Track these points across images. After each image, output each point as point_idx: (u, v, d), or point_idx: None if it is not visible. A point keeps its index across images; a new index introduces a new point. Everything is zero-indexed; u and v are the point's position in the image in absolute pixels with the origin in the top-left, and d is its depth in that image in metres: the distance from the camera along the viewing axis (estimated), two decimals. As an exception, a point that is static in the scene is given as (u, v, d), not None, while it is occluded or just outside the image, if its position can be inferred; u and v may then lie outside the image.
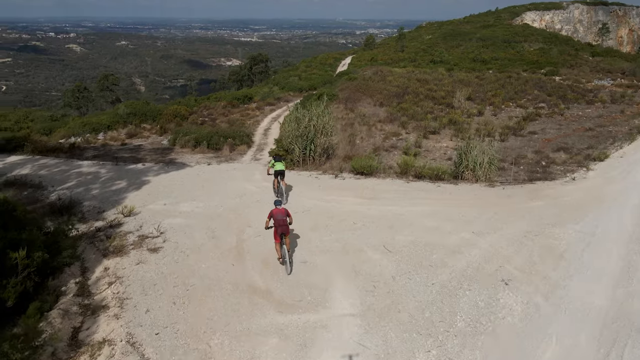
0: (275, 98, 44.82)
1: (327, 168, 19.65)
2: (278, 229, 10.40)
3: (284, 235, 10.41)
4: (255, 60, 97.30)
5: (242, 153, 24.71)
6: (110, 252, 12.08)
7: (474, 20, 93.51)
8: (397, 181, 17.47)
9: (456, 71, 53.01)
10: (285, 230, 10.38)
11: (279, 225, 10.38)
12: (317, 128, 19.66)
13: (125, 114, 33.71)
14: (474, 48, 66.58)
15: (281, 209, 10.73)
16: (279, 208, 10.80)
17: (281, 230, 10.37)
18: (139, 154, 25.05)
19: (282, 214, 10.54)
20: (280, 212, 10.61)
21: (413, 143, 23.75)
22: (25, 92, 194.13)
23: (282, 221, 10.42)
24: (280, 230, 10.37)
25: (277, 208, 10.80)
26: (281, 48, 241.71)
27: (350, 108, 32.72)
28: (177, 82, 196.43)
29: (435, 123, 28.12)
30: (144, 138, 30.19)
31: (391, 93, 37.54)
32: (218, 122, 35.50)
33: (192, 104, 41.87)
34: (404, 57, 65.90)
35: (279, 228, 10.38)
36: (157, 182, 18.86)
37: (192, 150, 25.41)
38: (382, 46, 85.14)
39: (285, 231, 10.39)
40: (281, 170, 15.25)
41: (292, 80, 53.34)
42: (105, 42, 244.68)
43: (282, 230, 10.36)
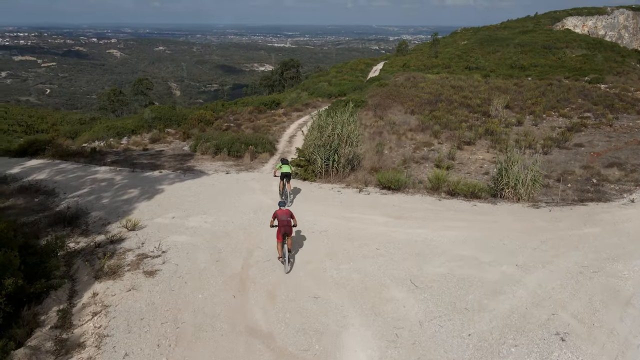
0: (303, 104, 43.49)
1: (351, 181, 17.99)
2: (281, 229, 10.63)
3: (286, 235, 10.63)
4: (286, 65, 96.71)
5: (263, 161, 23.34)
6: (104, 273, 10.78)
7: (512, 26, 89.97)
8: (427, 198, 15.64)
9: (493, 78, 50.42)
10: (288, 230, 10.62)
11: (282, 226, 10.61)
12: (342, 137, 18.04)
13: (150, 118, 33.02)
14: (512, 54, 63.59)
15: (285, 210, 10.92)
16: (283, 209, 10.99)
17: (284, 231, 10.60)
18: (159, 160, 24.05)
19: (285, 215, 10.75)
20: (284, 213, 10.82)
21: (446, 155, 21.80)
22: (67, 95, 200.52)
23: (285, 222, 10.64)
24: (283, 231, 10.60)
25: (281, 209, 10.99)
26: (314, 54, 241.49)
27: (379, 115, 30.95)
28: (211, 86, 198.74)
29: (470, 133, 26.03)
30: (167, 143, 29.32)
31: (423, 100, 35.55)
32: (243, 128, 34.40)
33: (219, 109, 41.00)
34: (438, 63, 63.53)
35: (282, 228, 10.61)
36: (170, 192, 17.65)
37: (212, 157, 24.23)
38: (415, 52, 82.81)
39: (287, 232, 10.61)
40: (287, 173, 15.56)
41: (321, 85, 51.94)
42: (144, 48, 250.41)
43: (284, 230, 10.59)
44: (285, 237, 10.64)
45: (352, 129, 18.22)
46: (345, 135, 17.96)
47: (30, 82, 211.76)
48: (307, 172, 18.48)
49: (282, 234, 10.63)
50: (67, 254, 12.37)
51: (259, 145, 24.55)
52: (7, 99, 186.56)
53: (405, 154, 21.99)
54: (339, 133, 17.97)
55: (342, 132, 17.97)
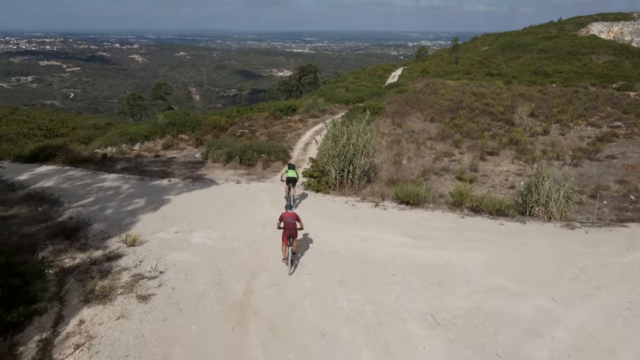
0: (320, 110, 42.50)
1: (367, 193, 16.84)
2: (286, 232, 10.79)
3: (291, 237, 10.77)
4: (304, 71, 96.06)
5: (276, 170, 22.35)
6: (94, 296, 9.86)
7: (535, 32, 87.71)
8: (449, 215, 14.39)
9: (515, 84, 48.73)
10: (293, 233, 10.79)
11: (288, 228, 10.80)
12: (357, 147, 16.92)
13: (163, 124, 32.41)
14: (535, 60, 61.66)
15: (291, 213, 11.13)
16: (290, 212, 11.21)
17: (289, 233, 10.76)
18: (169, 168, 23.28)
19: (292, 218, 10.96)
20: (290, 215, 11.03)
21: (468, 166, 20.47)
22: (90, 99, 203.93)
23: (291, 224, 10.82)
24: (288, 233, 10.76)
25: (288, 212, 11.22)
26: (332, 59, 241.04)
27: (397, 123, 29.72)
28: (230, 91, 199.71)
29: (493, 142, 24.62)
30: (179, 150, 28.61)
31: (443, 107, 34.18)
32: (257, 135, 33.55)
33: (234, 115, 40.29)
34: (458, 69, 61.98)
35: (287, 231, 10.79)
36: (177, 203, 16.76)
37: (223, 165, 23.36)
38: (435, 58, 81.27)
39: (293, 234, 10.78)
40: (292, 178, 15.78)
41: (339, 91, 50.93)
42: (165, 53, 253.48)
43: (290, 233, 10.76)
44: (290, 240, 10.77)
45: (368, 138, 17.09)
46: (361, 145, 16.84)
47: (55, 87, 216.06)
48: (321, 184, 17.40)
49: (288, 236, 10.77)
50: (61, 271, 11.55)
51: (271, 153, 23.60)
52: (32, 103, 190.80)
53: (425, 165, 20.73)
54: (355, 143, 16.86)
55: (357, 142, 16.86)
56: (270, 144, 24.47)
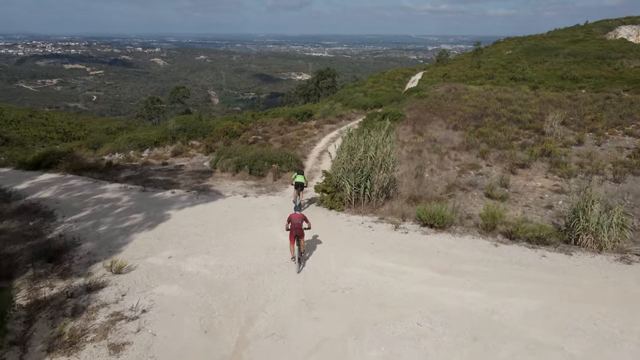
0: (337, 115, 40.74)
1: (385, 212, 14.99)
2: (293, 232, 11.02)
3: (298, 237, 10.99)
4: (322, 74, 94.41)
5: (287, 182, 20.64)
6: (60, 342, 8.26)
7: (560, 35, 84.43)
8: (480, 242, 12.43)
9: (542, 90, 46.23)
10: (300, 233, 11.00)
11: (294, 228, 11.02)
12: (376, 161, 15.09)
13: (174, 129, 31.07)
14: (562, 64, 58.82)
15: (299, 215, 11.32)
16: (297, 213, 11.39)
17: (296, 233, 10.99)
18: (175, 178, 21.78)
19: (299, 219, 11.15)
20: (297, 217, 11.23)
21: (497, 180, 18.43)
22: (112, 101, 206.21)
23: (297, 225, 11.04)
24: (295, 233, 10.99)
25: (296, 213, 11.44)
26: (351, 63, 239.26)
27: (418, 131, 27.75)
28: (249, 94, 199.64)
29: (523, 154, 22.52)
30: (189, 157, 27.17)
31: (467, 114, 32.07)
32: (271, 141, 31.96)
33: (248, 120, 38.82)
34: (481, 74, 59.52)
35: (294, 231, 11.01)
36: (176, 220, 15.17)
37: (232, 175, 21.76)
38: (456, 62, 78.76)
39: (299, 234, 10.99)
40: (300, 183, 15.82)
41: (356, 96, 49.10)
42: (186, 57, 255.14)
43: (296, 232, 10.97)
44: (297, 239, 11.00)
45: (388, 151, 15.24)
46: (380, 158, 14.99)
47: (79, 89, 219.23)
48: (334, 201, 15.61)
49: (294, 236, 11.00)
50: (34, 304, 10.01)
51: (283, 163, 21.90)
52: (57, 105, 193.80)
53: (449, 179, 18.75)
54: (373, 156, 15.02)
55: (376, 154, 15.02)
56: (282, 153, 22.79)
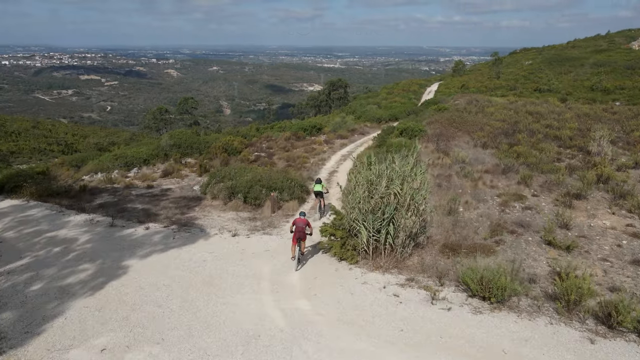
0: (349, 129, 36.90)
1: (415, 268, 11.03)
2: (296, 234, 11.61)
3: (300, 239, 11.62)
4: (334, 85, 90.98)
5: (288, 214, 16.79)
6: None
7: (581, 45, 79.95)
8: (563, 331, 8.37)
9: (572, 102, 41.95)
10: (302, 236, 11.63)
11: (297, 231, 11.60)
12: (402, 199, 11.15)
13: (167, 145, 27.47)
14: (589, 75, 54.43)
15: (303, 219, 11.87)
16: (302, 218, 11.96)
17: (298, 236, 11.59)
18: (156, 206, 18.06)
19: (302, 223, 11.72)
20: (302, 221, 11.81)
21: (553, 218, 14.35)
22: (126, 112, 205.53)
23: (301, 228, 11.62)
24: (298, 236, 11.59)
25: (300, 218, 11.99)
26: (363, 74, 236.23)
27: (443, 150, 23.75)
28: (260, 105, 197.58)
29: (573, 179, 18.41)
30: (180, 178, 23.48)
31: (496, 129, 28.01)
32: (275, 159, 28.20)
33: (252, 134, 35.15)
34: (501, 85, 55.38)
35: (297, 233, 11.60)
36: (135, 277, 11.36)
37: (224, 203, 17.96)
38: (473, 72, 74.66)
39: (301, 237, 11.61)
40: (319, 192, 16.24)
41: (370, 108, 45.28)
42: (199, 68, 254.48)
43: (299, 235, 11.59)
44: (299, 241, 11.64)
45: (419, 185, 11.30)
46: (408, 196, 11.05)
47: (94, 100, 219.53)
48: (346, 249, 11.68)
49: (297, 238, 11.60)
50: None
51: (284, 190, 18.05)
52: (71, 115, 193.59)
53: (491, 215, 14.69)
54: (398, 192, 11.09)
55: (402, 190, 11.08)
56: (283, 178, 18.93)
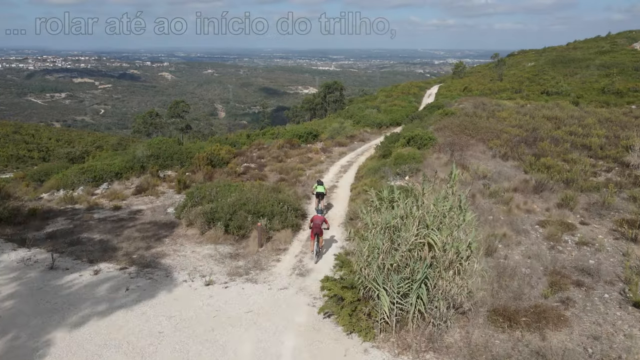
0: (348, 136, 33.50)
1: (458, 350, 7.56)
2: (314, 230, 12.12)
3: (318, 235, 12.14)
4: (329, 88, 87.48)
5: (280, 248, 13.30)
6: None
7: (582, 46, 77.06)
8: None
9: (585, 105, 38.79)
10: (319, 231, 12.11)
11: (315, 227, 12.12)
12: (441, 252, 7.66)
13: (144, 156, 23.90)
14: (597, 77, 51.38)
15: (320, 217, 12.57)
16: (319, 215, 12.76)
17: (316, 231, 12.11)
18: (118, 237, 14.50)
19: (320, 220, 12.31)
20: (319, 218, 12.42)
21: (625, 259, 10.92)
22: (119, 115, 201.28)
23: (318, 225, 12.14)
24: (315, 231, 12.11)
25: (317, 215, 12.83)
26: (358, 77, 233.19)
27: (459, 162, 20.30)
28: (255, 108, 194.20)
29: (624, 201, 15.06)
30: (155, 196, 19.95)
31: (514, 137, 24.69)
32: (266, 171, 24.73)
33: (242, 142, 31.64)
34: (506, 87, 52.20)
35: (315, 229, 12.10)
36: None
37: (200, 233, 14.45)
38: (473, 74, 71.51)
39: (318, 232, 12.14)
40: (321, 193, 16.08)
41: (369, 112, 41.87)
42: (194, 71, 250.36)
43: (316, 231, 12.13)
44: (317, 237, 12.19)
45: (463, 229, 7.83)
46: (451, 249, 7.56)
47: (87, 103, 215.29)
48: (357, 318, 8.16)
49: (315, 234, 12.14)
50: None
51: (275, 216, 14.55)
52: (64, 119, 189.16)
53: (542, 257, 11.21)
54: (434, 243, 7.60)
55: (442, 242, 7.59)
56: (274, 200, 15.41)
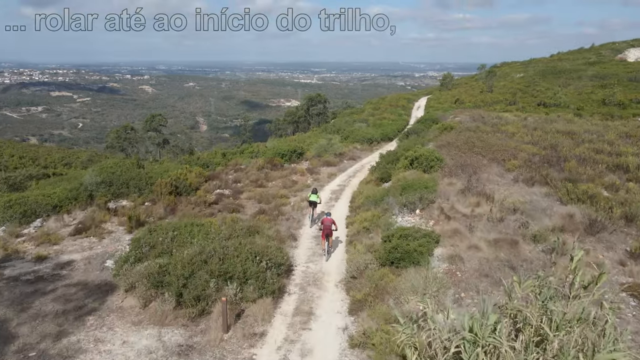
0: (336, 154, 29.27)
1: None
2: (324, 231, 12.89)
3: (328, 235, 12.90)
4: (312, 101, 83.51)
5: (256, 333, 8.90)
6: None
7: (568, 58, 75.14)
8: None
9: (587, 117, 35.58)
10: (330, 232, 12.90)
11: (326, 228, 12.86)
12: None
13: (94, 183, 19.23)
14: (591, 87, 48.60)
15: (329, 219, 13.05)
16: (328, 218, 13.14)
17: (326, 232, 12.86)
18: (24, 312, 9.99)
19: (329, 222, 12.93)
20: (328, 220, 12.99)
21: None
22: (98, 129, 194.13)
23: (328, 226, 12.89)
24: (326, 232, 12.87)
25: (327, 217, 13.17)
26: (340, 90, 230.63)
27: (477, 189, 16.18)
28: (237, 121, 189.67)
29: None
30: (98, 238, 15.40)
31: (531, 155, 20.83)
32: (243, 200, 20.39)
33: (217, 162, 27.13)
34: (498, 99, 49.01)
35: (325, 230, 12.87)
36: None
37: (142, 305, 9.98)
38: (460, 86, 68.50)
39: (329, 233, 12.89)
40: (314, 202, 16.08)
41: (358, 127, 37.85)
42: (175, 84, 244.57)
43: (326, 232, 12.86)
44: (327, 237, 12.91)
45: None
46: None
47: (64, 117, 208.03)
48: None
49: (325, 235, 12.91)
50: None
51: (249, 279, 10.14)
52: (40, 133, 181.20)
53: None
54: None
55: None
56: (248, 254, 10.96)
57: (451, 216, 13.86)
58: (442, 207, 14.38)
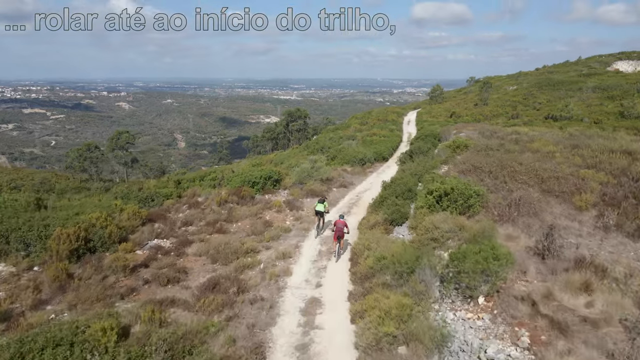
0: (323, 179, 22.38)
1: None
2: (336, 233, 12.83)
3: (339, 237, 12.83)
4: (292, 116, 76.92)
5: None
6: None
7: (558, 70, 71.01)
8: None
9: (609, 132, 29.73)
10: (341, 234, 12.81)
11: (338, 230, 12.81)
12: None
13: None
14: (599, 99, 43.33)
15: (342, 221, 13.07)
16: (341, 220, 13.15)
17: (338, 234, 12.82)
18: None
19: (342, 224, 12.93)
20: (341, 222, 13.01)
21: None
22: (72, 146, 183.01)
23: (340, 229, 12.83)
24: (338, 234, 12.82)
25: (340, 220, 13.17)
26: (319, 106, 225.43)
27: (573, 254, 9.42)
28: (217, 138, 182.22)
29: None
30: None
31: (603, 185, 14.31)
32: (190, 258, 13.21)
33: (167, 192, 19.87)
34: (498, 112, 43.25)
35: (337, 232, 12.80)
36: None
37: None
38: (450, 99, 62.97)
39: (340, 235, 12.82)
40: (320, 211, 15.32)
41: (347, 145, 31.11)
42: (152, 100, 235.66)
43: (338, 234, 12.81)
44: (339, 239, 12.87)
45: None
46: None
47: (37, 134, 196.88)
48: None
49: (337, 237, 12.84)
50: None
51: None
52: (10, 151, 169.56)
53: None
54: None
55: None
56: None
57: (559, 321, 7.06)
58: (534, 299, 7.63)
